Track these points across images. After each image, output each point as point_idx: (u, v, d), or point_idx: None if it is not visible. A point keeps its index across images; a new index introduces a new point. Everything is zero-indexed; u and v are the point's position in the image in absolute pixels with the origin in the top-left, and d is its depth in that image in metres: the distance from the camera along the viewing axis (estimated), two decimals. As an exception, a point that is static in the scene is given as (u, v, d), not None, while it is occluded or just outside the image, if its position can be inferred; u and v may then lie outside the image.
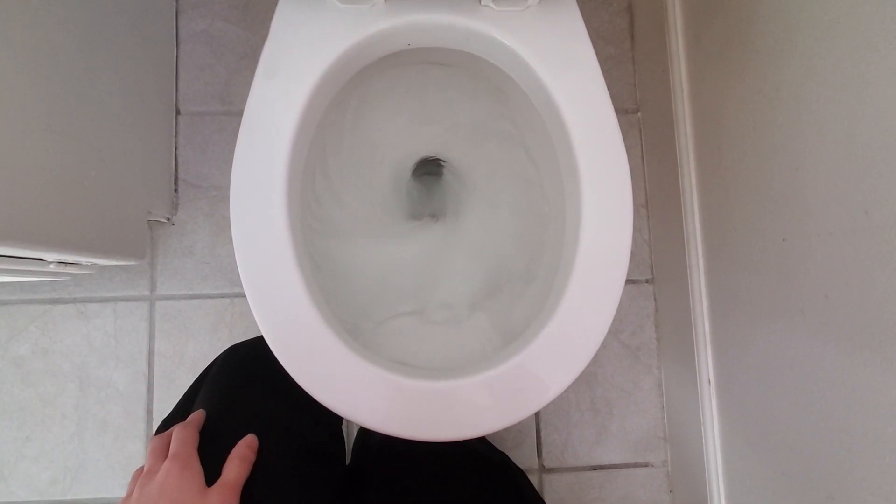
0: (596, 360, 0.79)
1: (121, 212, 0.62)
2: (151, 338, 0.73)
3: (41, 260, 0.54)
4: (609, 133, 0.43)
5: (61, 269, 0.57)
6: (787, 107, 0.50)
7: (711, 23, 0.64)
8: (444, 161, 0.62)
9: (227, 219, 0.77)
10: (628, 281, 0.81)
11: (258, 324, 0.38)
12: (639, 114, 0.84)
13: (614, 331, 0.80)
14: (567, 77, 0.44)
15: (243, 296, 0.69)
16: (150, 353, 0.73)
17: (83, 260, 0.57)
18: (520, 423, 0.69)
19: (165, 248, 0.75)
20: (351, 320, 0.49)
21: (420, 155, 0.60)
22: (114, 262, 0.62)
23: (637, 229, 0.82)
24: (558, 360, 0.40)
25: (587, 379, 0.79)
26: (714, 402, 0.66)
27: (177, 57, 0.79)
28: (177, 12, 0.79)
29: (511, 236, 0.58)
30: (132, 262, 0.65)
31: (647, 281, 0.81)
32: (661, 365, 0.79)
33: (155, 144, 0.72)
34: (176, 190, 0.77)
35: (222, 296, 0.75)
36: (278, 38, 0.43)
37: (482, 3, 0.44)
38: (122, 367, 0.72)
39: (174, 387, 0.73)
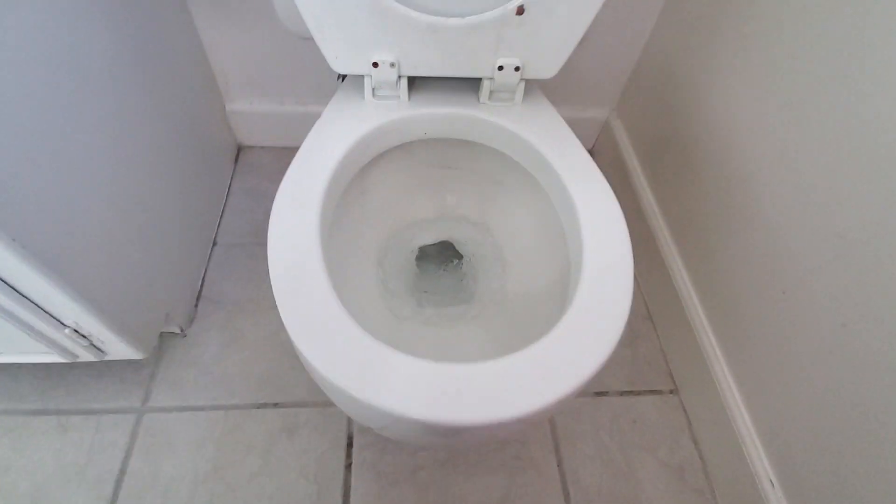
0: (636, 483, 0.68)
1: (144, 299, 0.64)
2: (128, 455, 0.65)
3: (59, 322, 0.55)
4: (601, 189, 0.52)
5: (73, 338, 0.56)
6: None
7: (663, 158, 0.79)
8: (458, 247, 0.68)
9: (239, 329, 0.77)
10: (652, 392, 0.76)
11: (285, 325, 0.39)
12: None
13: (649, 448, 0.71)
14: (554, 147, 0.55)
15: (238, 407, 0.67)
16: (121, 472, 0.64)
17: (97, 331, 0.57)
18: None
19: (170, 359, 0.74)
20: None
21: (430, 241, 0.67)
22: (121, 346, 0.61)
23: (647, 339, 0.81)
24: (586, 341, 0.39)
25: (629, 504, 0.66)
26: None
27: (224, 205, 0.93)
28: (233, 174, 0.97)
29: (524, 306, 0.60)
30: (137, 357, 0.64)
31: (671, 392, 0.76)
32: (714, 486, 0.67)
33: (188, 267, 0.79)
34: (196, 305, 0.80)
35: (216, 407, 0.70)
36: (326, 118, 0.56)
37: (481, 100, 0.58)
38: (85, 490, 0.62)
39: (135, 518, 0.61)
